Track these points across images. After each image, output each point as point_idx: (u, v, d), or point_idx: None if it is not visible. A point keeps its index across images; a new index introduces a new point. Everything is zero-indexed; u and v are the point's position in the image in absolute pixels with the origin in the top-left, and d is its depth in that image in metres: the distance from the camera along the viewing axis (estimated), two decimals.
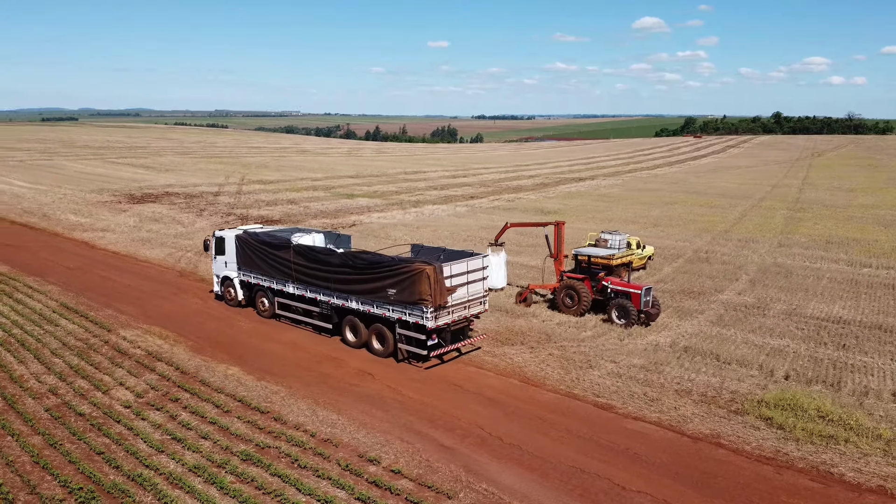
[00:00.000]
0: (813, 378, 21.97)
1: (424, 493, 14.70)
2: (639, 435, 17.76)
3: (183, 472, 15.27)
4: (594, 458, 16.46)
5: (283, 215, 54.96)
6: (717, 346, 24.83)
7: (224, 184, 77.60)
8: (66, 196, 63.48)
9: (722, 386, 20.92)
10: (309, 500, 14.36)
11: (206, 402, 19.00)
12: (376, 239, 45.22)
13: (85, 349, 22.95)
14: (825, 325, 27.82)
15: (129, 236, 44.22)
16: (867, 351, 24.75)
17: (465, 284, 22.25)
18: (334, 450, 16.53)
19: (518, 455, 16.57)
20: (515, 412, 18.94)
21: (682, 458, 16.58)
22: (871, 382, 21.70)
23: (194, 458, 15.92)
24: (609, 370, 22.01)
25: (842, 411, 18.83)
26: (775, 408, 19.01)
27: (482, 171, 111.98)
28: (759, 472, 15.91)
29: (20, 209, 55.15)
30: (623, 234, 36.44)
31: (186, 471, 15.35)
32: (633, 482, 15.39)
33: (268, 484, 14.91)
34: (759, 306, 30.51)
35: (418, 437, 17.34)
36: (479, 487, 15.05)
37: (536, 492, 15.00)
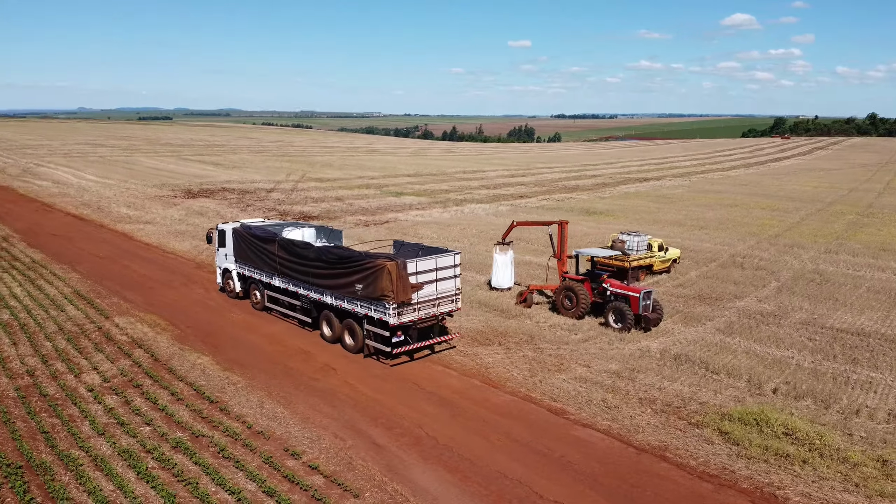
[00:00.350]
0: (804, 393, 20.43)
1: (332, 491, 14.54)
2: (581, 442, 16.98)
3: (110, 455, 15.68)
4: (523, 464, 15.84)
5: (323, 212, 55.90)
6: (711, 355, 23.49)
7: (282, 181, 79.70)
8: (128, 190, 66.81)
9: (693, 396, 19.75)
10: (217, 490, 14.45)
11: (163, 390, 19.48)
12: (401, 235, 45.34)
13: (76, 334, 23.99)
14: (843, 337, 25.88)
15: (166, 229, 46.04)
16: (879, 366, 22.85)
17: (434, 282, 21.91)
18: (263, 442, 16.59)
19: (447, 457, 16.16)
20: (462, 413, 18.49)
21: (616, 469, 15.73)
22: (868, 400, 20.00)
23: (128, 443, 16.33)
24: (578, 375, 21.18)
25: (813, 430, 17.43)
26: (738, 422, 17.79)
27: (545, 170, 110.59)
28: (694, 490, 14.90)
29: (79, 201, 58.42)
30: (644, 235, 35.09)
31: (115, 454, 15.75)
32: (552, 491, 14.72)
33: (186, 472, 15.12)
34: (777, 315, 28.70)
35: (353, 434, 17.19)
36: (390, 488, 14.75)
37: (449, 494, 14.57)
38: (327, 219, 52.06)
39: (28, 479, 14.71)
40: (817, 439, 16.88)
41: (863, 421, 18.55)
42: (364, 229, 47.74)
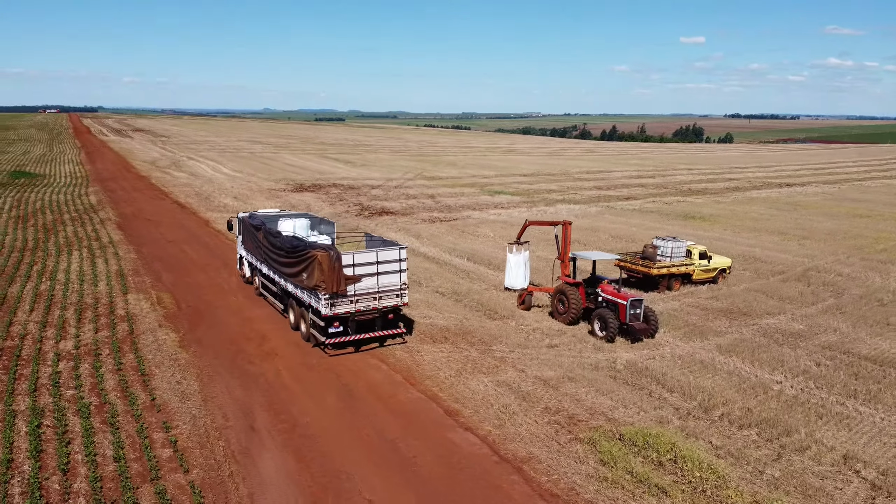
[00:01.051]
0: (756, 422, 18.23)
1: (170, 464, 15.25)
2: (448, 446, 16.40)
3: (22, 411, 17.39)
4: (371, 461, 15.65)
5: (404, 208, 57.23)
6: (681, 373, 21.55)
7: (394, 179, 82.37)
8: (247, 183, 72.44)
9: (608, 412, 18.31)
10: (79, 451, 15.68)
11: (112, 360, 21.29)
12: (459, 233, 45.43)
13: (87, 307, 26.75)
14: (860, 365, 22.66)
15: None
16: (878, 401, 19.85)
17: (375, 275, 21.97)
18: (152, 414, 17.66)
19: (306, 447, 16.32)
20: (358, 407, 18.51)
21: (460, 475, 15.09)
22: (829, 438, 17.47)
23: (45, 402, 17.99)
24: (503, 379, 20.35)
25: (706, 462, 15.54)
26: (625, 442, 16.23)
27: (682, 172, 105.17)
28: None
29: (194, 191, 64.26)
30: (682, 240, 32.52)
31: (27, 410, 17.46)
32: (376, 490, 14.46)
33: (70, 433, 16.47)
34: (802, 335, 25.61)
35: (239, 417, 17.83)
36: (224, 468, 15.24)
37: (275, 481, 14.79)
38: (404, 215, 53.25)
39: None
40: (698, 471, 15.03)
41: (797, 460, 16.24)
42: (425, 225, 48.32)
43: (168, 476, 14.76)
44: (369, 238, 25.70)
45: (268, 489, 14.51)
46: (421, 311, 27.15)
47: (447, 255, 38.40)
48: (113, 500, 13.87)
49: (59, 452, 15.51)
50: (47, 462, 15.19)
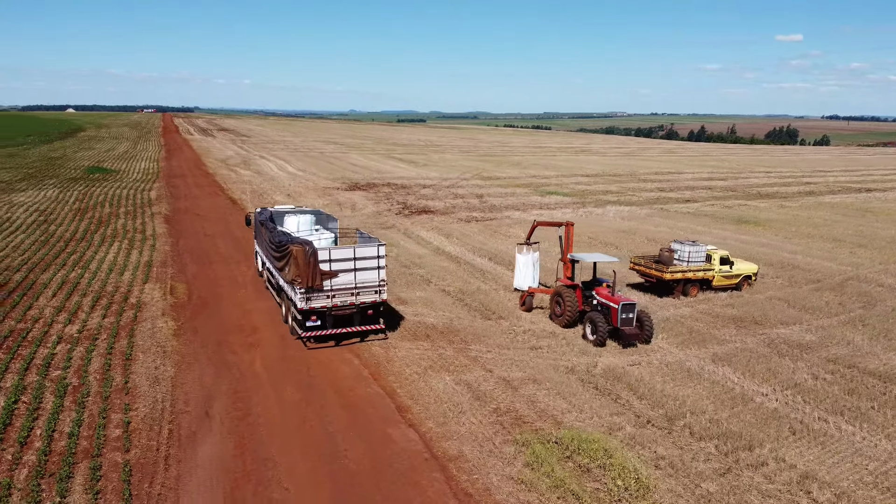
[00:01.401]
0: (719, 434, 17.53)
1: (113, 443, 16.09)
2: (384, 441, 16.56)
3: (6, 389, 18.81)
4: (302, 452, 16.04)
5: (447, 207, 57.50)
6: (661, 381, 20.94)
7: (449, 178, 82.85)
8: (306, 181, 74.54)
9: (558, 416, 17.99)
10: (40, 425, 16.77)
11: (101, 343, 22.53)
12: (491, 233, 45.29)
13: (105, 294, 28.34)
14: (861, 380, 21.41)
15: None
16: (866, 419, 18.74)
17: (353, 271, 22.32)
18: (119, 396, 18.65)
19: (249, 436, 16.85)
20: (308, 399, 18.92)
21: (381, 472, 15.21)
22: (794, 456, 16.71)
23: (31, 380, 19.32)
24: (465, 378, 20.32)
25: (636, 470, 15.02)
26: (560, 446, 15.91)
27: (757, 175, 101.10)
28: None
29: (250, 188, 66.66)
30: (703, 245, 31.33)
31: (10, 388, 18.82)
32: (297, 480, 14.87)
33: (40, 409, 17.69)
34: (810, 347, 24.31)
35: (200, 403, 18.56)
36: (163, 450, 15.94)
37: (207, 465, 15.35)
38: (443, 214, 53.51)
39: None
40: (621, 480, 14.58)
41: (747, 476, 15.56)
42: (459, 224, 48.40)
43: (108, 454, 15.58)
44: (361, 235, 26.09)
45: (196, 473, 15.08)
46: (416, 308, 27.34)
47: (469, 255, 38.39)
48: (51, 472, 14.76)
49: (24, 427, 16.63)
50: (10, 435, 16.33)
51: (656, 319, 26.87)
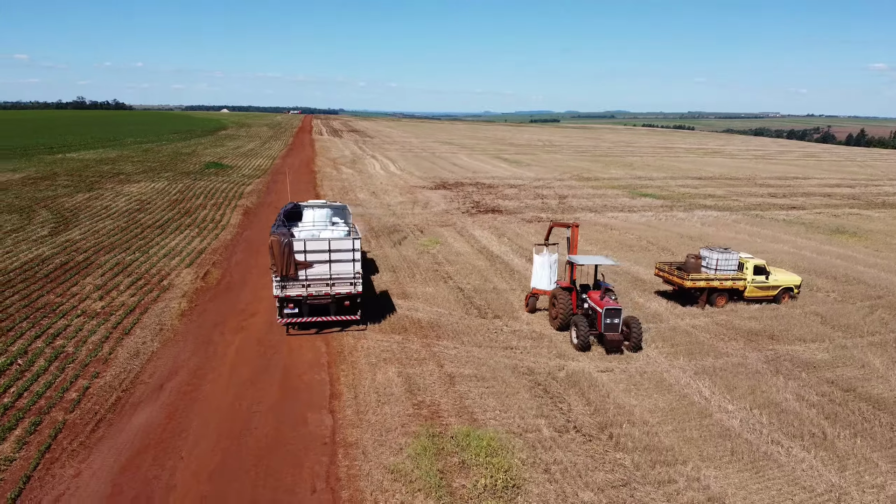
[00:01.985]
0: (642, 447, 16.75)
1: (65, 409, 17.95)
2: (298, 423, 17.37)
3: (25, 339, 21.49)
4: (216, 426, 17.12)
5: (518, 207, 57.19)
6: (623, 390, 20.28)
7: (543, 179, 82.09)
8: (399, 180, 76.77)
9: (478, 413, 17.93)
10: (14, 388, 19.06)
11: (112, 319, 24.87)
12: (540, 235, 44.68)
13: (145, 276, 31.16)
14: (854, 407, 19.73)
15: (360, 210, 53.03)
16: (832, 448, 17.12)
17: (328, 262, 23.17)
18: (98, 365, 20.68)
19: (189, 411, 18.18)
20: (255, 380, 20.03)
21: (277, 451, 15.99)
22: (715, 479, 15.65)
23: (17, 345, 21.85)
24: (411, 371, 20.67)
25: (511, 473, 14.75)
26: (451, 441, 15.89)
27: (893, 184, 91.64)
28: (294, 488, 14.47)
29: (341, 185, 69.50)
30: (735, 252, 29.39)
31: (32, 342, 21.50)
32: (197, 451, 15.88)
33: (29, 371, 20.07)
34: (815, 367, 22.51)
35: (161, 378, 20.22)
36: (104, 415, 17.57)
37: (129, 434, 16.77)
38: (509, 214, 53.31)
39: None
40: (489, 478, 14.42)
41: (640, 492, 14.86)
42: (519, 225, 48.06)
43: (54, 413, 17.45)
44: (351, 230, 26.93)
45: (118, 437, 16.56)
46: (414, 303, 27.79)
47: (509, 255, 38.19)
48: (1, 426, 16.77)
49: (3, 385, 18.93)
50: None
51: (666, 328, 25.70)
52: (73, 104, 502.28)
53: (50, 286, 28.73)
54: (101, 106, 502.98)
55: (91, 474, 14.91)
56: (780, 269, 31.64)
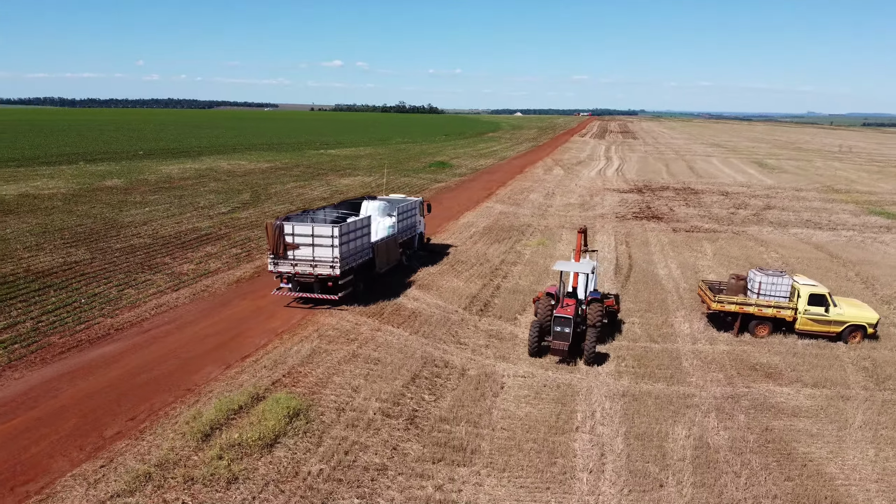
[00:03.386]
0: (434, 443, 16.53)
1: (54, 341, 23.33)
2: (184, 370, 19.96)
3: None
4: (125, 356, 20.60)
5: (686, 216, 53.12)
6: (509, 396, 19.60)
7: (779, 188, 73.98)
8: (599, 183, 75.44)
9: (324, 384, 19.15)
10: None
11: (173, 278, 30.35)
12: (674, 246, 41.66)
13: (250, 247, 36.79)
14: (760, 459, 16.66)
15: (506, 208, 54.09)
16: (686, 484, 15.21)
17: (311, 246, 25.72)
18: (92, 308, 26.00)
19: (123, 352, 22.15)
20: (209, 333, 22.98)
21: (140, 390, 18.96)
22: (478, 487, 15.12)
23: (85, 290, 28.06)
24: (327, 348, 22.07)
25: (262, 433, 15.97)
26: (262, 401, 17.52)
27: None
28: None
29: (524, 186, 70.63)
30: (789, 277, 25.33)
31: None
32: (78, 395, 19.53)
33: (45, 302, 26.21)
34: (780, 412, 19.42)
35: (126, 320, 24.76)
36: (75, 359, 22.50)
37: (50, 375, 21.36)
38: (667, 221, 49.92)
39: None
40: (245, 433, 15.78)
41: (383, 483, 14.96)
42: (666, 234, 45.01)
43: (38, 337, 22.27)
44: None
45: (66, 360, 20.80)
46: (424, 294, 28.79)
47: (604, 262, 36.68)
48: None
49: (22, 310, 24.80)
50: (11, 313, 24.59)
51: (658, 349, 23.55)
52: (395, 108, 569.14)
53: (191, 252, 35.63)
54: (418, 110, 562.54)
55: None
56: (855, 301, 25.94)
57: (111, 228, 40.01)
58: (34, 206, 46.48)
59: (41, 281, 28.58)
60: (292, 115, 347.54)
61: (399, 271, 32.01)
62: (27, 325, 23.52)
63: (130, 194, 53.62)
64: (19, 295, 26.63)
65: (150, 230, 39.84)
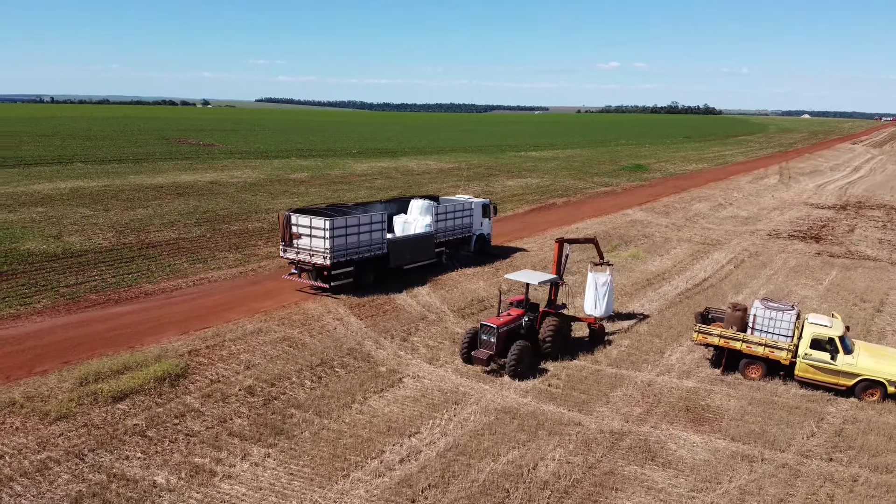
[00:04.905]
0: (254, 425, 17.56)
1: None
2: (152, 331, 23.59)
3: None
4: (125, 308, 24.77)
5: (860, 239, 44.90)
6: (390, 397, 19.75)
7: None
8: (788, 196, 66.75)
9: (218, 354, 20.94)
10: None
11: (212, 253, 34.58)
12: (796, 273, 36.35)
13: None
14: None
15: (663, 220, 50.42)
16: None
17: (310, 237, 27.75)
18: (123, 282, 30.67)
19: (119, 314, 26.51)
20: (218, 303, 26.49)
21: (100, 335, 22.78)
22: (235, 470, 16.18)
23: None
24: (253, 328, 23.96)
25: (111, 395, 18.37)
26: (149, 356, 19.95)
27: None
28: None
29: (711, 199, 64.52)
30: (794, 311, 21.49)
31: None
32: (40, 330, 24.06)
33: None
34: (645, 453, 16.98)
35: (140, 290, 28.94)
36: (63, 318, 27.38)
37: (44, 326, 26.14)
38: (831, 243, 42.90)
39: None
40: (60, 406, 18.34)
41: (156, 452, 16.41)
42: (802, 257, 39.05)
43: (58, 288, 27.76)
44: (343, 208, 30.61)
45: (79, 304, 25.74)
46: (430, 293, 29.11)
47: (682, 281, 33.44)
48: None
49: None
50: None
51: (622, 375, 21.59)
52: (666, 109, 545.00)
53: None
54: (691, 110, 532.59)
55: None
56: (886, 350, 20.50)
57: (249, 213, 45.94)
58: (211, 190, 55.00)
59: (141, 251, 34.41)
60: (551, 118, 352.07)
61: (430, 269, 32.43)
62: (87, 285, 28.72)
63: (301, 186, 60.35)
64: (111, 261, 32.30)
65: (273, 217, 45.08)
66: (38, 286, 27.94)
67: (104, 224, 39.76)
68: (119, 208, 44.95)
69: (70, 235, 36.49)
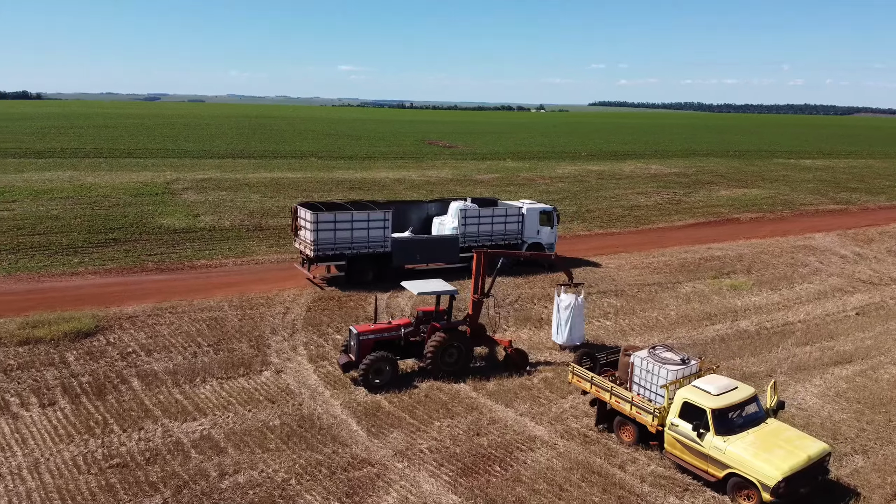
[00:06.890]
0: (79, 415, 19.27)
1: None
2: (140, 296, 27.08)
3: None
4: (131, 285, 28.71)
5: None
6: (241, 399, 20.45)
7: None
8: None
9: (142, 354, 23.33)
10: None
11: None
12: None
13: None
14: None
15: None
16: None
17: (304, 230, 28.99)
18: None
19: (125, 290, 30.27)
20: (220, 282, 29.43)
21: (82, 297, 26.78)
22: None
23: None
24: (219, 305, 25.76)
25: None
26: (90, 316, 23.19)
27: None
28: None
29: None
30: (685, 365, 17.21)
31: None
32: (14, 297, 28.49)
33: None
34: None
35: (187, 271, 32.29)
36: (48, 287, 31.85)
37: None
38: None
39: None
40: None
41: None
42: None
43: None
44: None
45: (112, 279, 30.36)
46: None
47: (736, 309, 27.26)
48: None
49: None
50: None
51: (468, 401, 19.44)
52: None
53: None
54: None
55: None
56: (802, 437, 14.16)
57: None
58: (391, 188, 57.77)
59: (193, 234, 38.57)
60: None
61: (450, 272, 30.94)
62: (153, 256, 33.93)
63: (482, 186, 60.13)
64: (171, 241, 36.94)
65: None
66: (136, 253, 34.24)
67: (251, 208, 45.34)
68: (280, 196, 50.36)
69: (207, 216, 42.44)
